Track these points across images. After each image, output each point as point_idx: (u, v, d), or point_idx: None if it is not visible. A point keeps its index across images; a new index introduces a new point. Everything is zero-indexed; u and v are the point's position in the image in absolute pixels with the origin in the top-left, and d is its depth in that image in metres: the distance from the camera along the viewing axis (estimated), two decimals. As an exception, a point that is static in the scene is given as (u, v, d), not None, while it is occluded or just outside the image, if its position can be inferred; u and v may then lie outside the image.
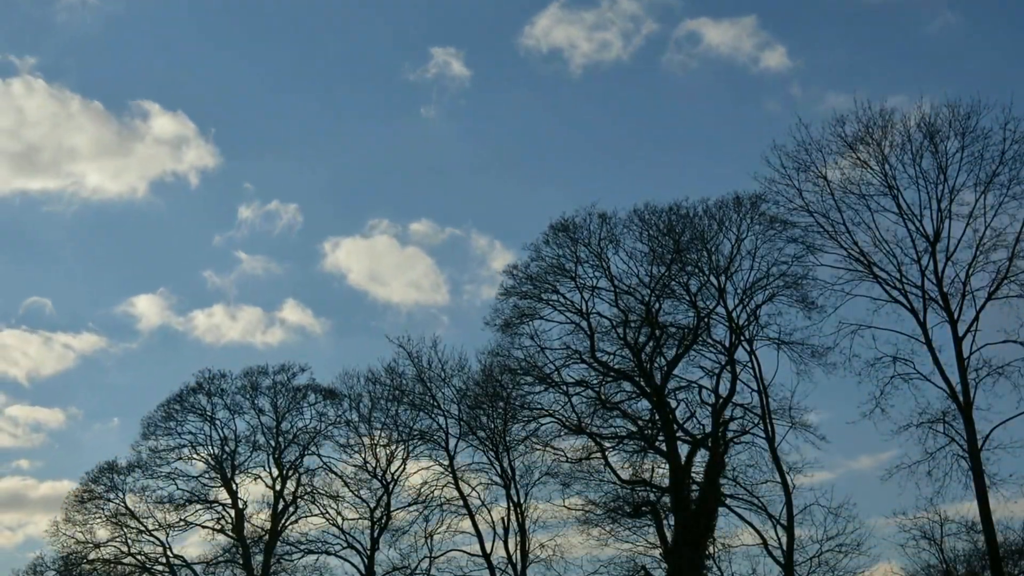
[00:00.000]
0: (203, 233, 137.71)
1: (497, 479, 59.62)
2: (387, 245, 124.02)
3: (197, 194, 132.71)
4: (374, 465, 63.96)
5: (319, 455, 66.13)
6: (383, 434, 63.79)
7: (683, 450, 53.17)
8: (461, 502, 60.30)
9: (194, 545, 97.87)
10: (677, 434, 53.44)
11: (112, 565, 65.88)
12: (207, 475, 66.82)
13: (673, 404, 54.35)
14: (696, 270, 53.68)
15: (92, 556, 65.90)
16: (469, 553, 60.19)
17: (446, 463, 60.90)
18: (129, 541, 66.24)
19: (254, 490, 68.91)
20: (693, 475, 52.82)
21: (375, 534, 63.21)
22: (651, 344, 54.25)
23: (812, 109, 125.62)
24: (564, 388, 55.34)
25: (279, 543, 65.32)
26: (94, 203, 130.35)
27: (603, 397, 55.17)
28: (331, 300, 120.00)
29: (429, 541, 61.44)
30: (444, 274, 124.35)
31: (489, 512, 60.25)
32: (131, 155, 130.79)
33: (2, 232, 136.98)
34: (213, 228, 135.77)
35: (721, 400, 53.15)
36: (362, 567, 63.27)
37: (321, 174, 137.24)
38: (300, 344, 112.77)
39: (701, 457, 53.26)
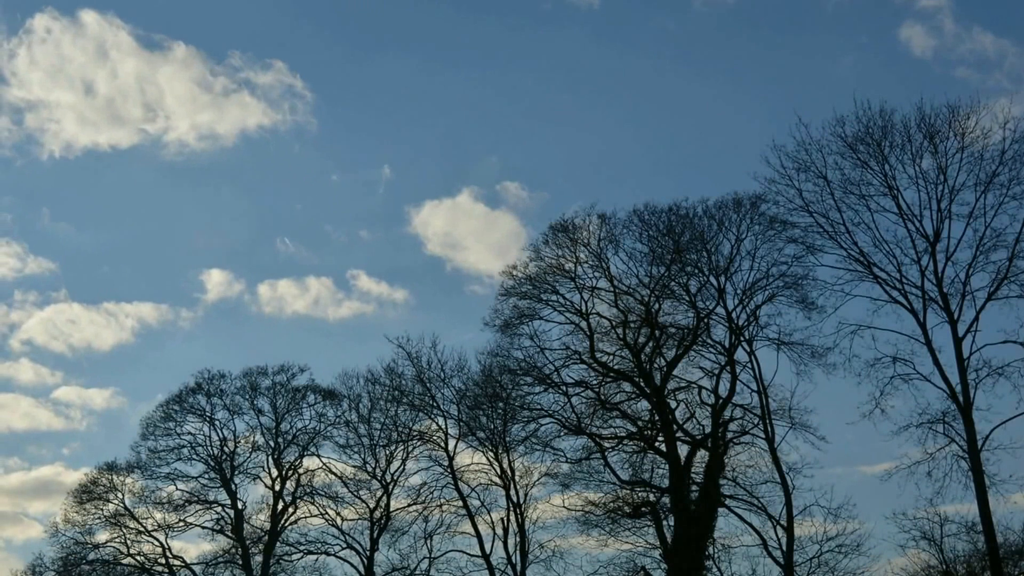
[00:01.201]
0: (288, 195, 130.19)
1: (497, 480, 59.67)
2: (473, 210, 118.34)
3: (288, 153, 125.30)
4: (373, 466, 63.95)
5: (318, 455, 66.23)
6: (382, 435, 63.78)
7: (683, 451, 53.10)
8: (460, 503, 60.33)
9: (193, 545, 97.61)
10: (677, 435, 53.38)
11: (111, 566, 65.82)
12: (206, 476, 66.81)
13: (673, 405, 54.31)
14: (696, 270, 53.62)
15: (91, 557, 65.88)
16: (469, 554, 60.23)
17: (445, 464, 60.94)
18: (128, 542, 66.21)
19: (253, 491, 69.01)
20: (693, 476, 52.75)
21: (374, 535, 63.19)
22: (651, 345, 54.18)
23: (959, 48, 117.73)
24: (564, 389, 55.28)
25: (278, 543, 65.32)
26: (176, 160, 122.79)
27: (603, 398, 55.13)
28: (411, 268, 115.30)
29: (428, 542, 61.52)
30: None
31: (489, 513, 60.35)
32: (222, 108, 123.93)
33: (76, 191, 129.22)
34: (297, 193, 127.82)
35: (721, 400, 53.08)
36: (361, 568, 63.27)
37: (418, 131, 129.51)
38: (376, 315, 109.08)
39: (701, 457, 53.19)
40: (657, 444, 53.69)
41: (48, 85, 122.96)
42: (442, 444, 61.31)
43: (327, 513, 65.15)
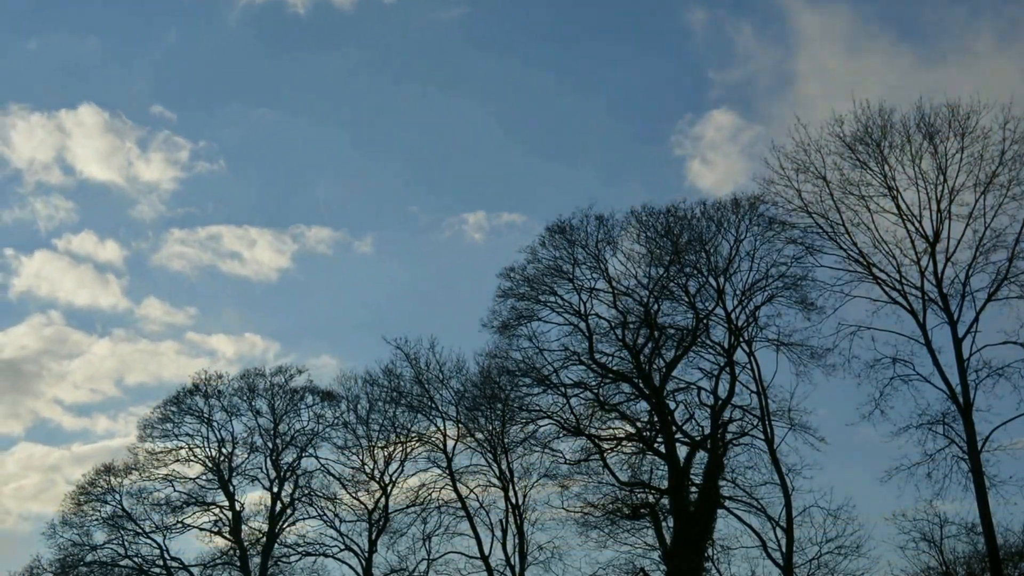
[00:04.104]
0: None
1: (495, 481, 59.52)
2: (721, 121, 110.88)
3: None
4: (372, 467, 63.84)
5: (317, 457, 66.08)
6: (381, 436, 63.66)
7: (682, 452, 52.98)
8: (459, 504, 60.16)
9: (191, 547, 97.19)
10: (676, 436, 53.25)
11: (109, 567, 65.66)
12: (204, 477, 66.66)
13: (672, 406, 54.18)
14: (695, 271, 53.51)
15: (89, 558, 65.69)
16: (467, 555, 60.08)
17: (444, 465, 60.79)
18: (126, 543, 66.04)
19: (251, 492, 68.71)
20: (692, 477, 52.64)
21: (373, 536, 63.06)
22: (650, 346, 54.06)
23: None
24: (562, 390, 55.14)
25: (276, 545, 65.17)
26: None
27: (602, 399, 55.00)
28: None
29: (427, 543, 61.32)
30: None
31: (487, 514, 60.20)
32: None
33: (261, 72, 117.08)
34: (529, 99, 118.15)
35: (720, 402, 52.97)
36: (360, 569, 63.12)
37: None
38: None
39: (700, 459, 53.09)
40: (656, 445, 53.56)
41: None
42: (441, 445, 61.24)
43: (325, 514, 65.11)
